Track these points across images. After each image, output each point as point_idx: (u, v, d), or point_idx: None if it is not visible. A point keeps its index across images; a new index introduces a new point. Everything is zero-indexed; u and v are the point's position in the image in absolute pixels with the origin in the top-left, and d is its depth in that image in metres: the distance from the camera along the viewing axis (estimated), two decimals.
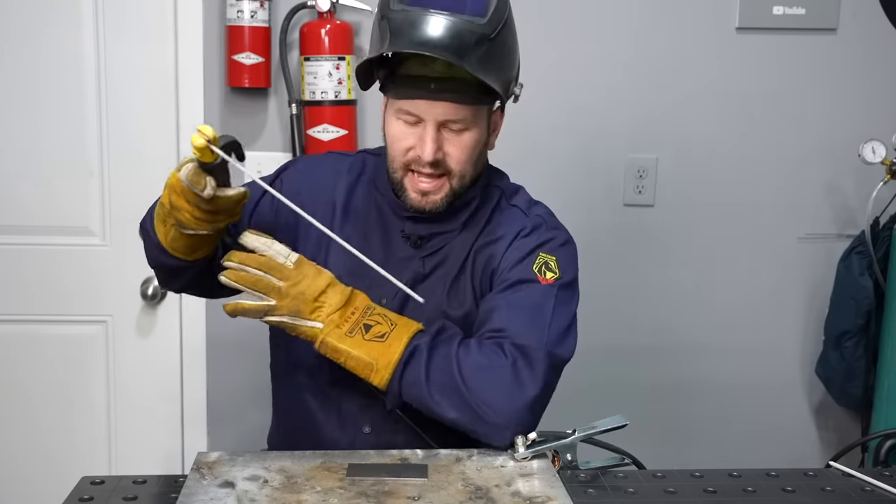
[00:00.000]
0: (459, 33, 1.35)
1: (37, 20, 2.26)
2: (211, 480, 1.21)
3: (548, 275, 1.47)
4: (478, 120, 1.45)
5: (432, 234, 1.52)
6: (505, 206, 1.56)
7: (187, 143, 2.29)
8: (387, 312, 1.39)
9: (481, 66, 1.37)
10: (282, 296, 1.33)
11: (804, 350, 2.50)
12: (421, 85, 1.40)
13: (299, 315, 1.34)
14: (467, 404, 1.34)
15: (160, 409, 2.42)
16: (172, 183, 1.31)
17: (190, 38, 2.29)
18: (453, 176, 1.46)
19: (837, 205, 2.45)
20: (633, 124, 2.39)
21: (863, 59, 2.39)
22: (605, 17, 2.35)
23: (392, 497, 1.19)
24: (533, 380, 1.36)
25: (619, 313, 2.44)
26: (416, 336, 1.36)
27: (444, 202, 1.48)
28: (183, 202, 1.30)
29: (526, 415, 1.35)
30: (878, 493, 1.31)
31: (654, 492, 1.28)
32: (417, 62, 1.40)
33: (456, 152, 1.45)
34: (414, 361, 1.35)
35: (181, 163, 1.30)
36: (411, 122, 1.43)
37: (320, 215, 1.51)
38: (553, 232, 1.53)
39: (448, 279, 1.51)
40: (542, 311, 1.43)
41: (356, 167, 1.59)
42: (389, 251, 1.52)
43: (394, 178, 1.49)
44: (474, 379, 1.34)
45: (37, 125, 2.30)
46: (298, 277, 1.34)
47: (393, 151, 1.47)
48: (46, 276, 2.35)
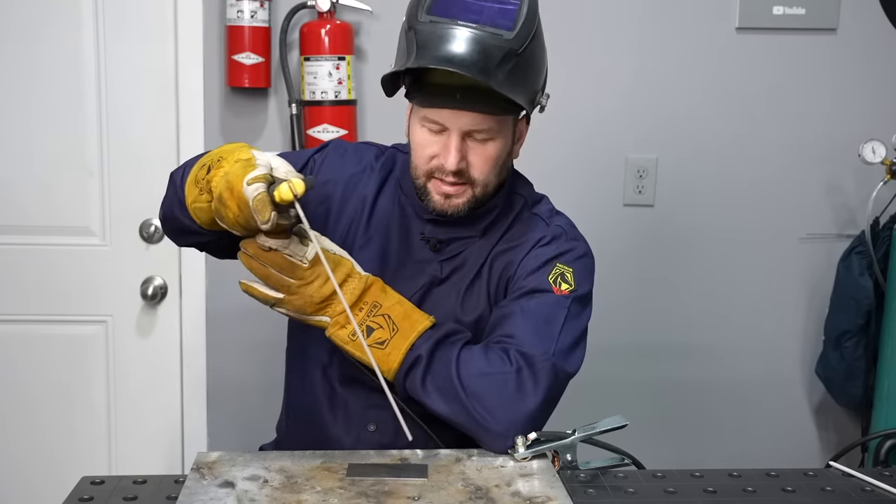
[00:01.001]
0: (486, 49, 1.34)
1: (36, 20, 2.26)
2: (211, 480, 1.21)
3: (563, 286, 1.46)
4: (503, 130, 1.44)
5: (452, 238, 1.52)
6: (527, 216, 1.55)
7: (187, 143, 2.31)
8: (393, 312, 1.37)
9: (508, 82, 1.36)
10: (290, 293, 1.32)
11: (804, 350, 2.50)
12: (446, 94, 1.38)
13: (304, 313, 1.34)
14: (466, 409, 1.34)
15: (160, 409, 2.42)
16: (233, 185, 1.25)
17: (190, 38, 2.29)
18: (476, 185, 1.45)
19: (837, 205, 2.45)
20: (633, 124, 2.39)
21: (863, 59, 2.39)
22: (605, 18, 2.35)
23: (392, 497, 1.19)
24: (535, 390, 1.36)
25: (619, 313, 2.43)
26: (416, 344, 1.36)
27: (465, 207, 1.47)
28: (234, 206, 1.26)
29: (526, 424, 1.34)
30: (878, 493, 1.31)
31: (654, 492, 1.28)
32: (444, 72, 1.38)
33: (479, 162, 1.44)
34: (413, 371, 1.35)
35: (250, 166, 1.25)
36: (436, 130, 1.42)
37: (351, 208, 1.53)
38: (572, 243, 1.52)
39: (463, 285, 1.51)
40: (552, 322, 1.42)
41: (387, 164, 1.58)
42: (408, 253, 1.52)
43: (417, 184, 1.48)
44: (474, 384, 1.34)
45: (36, 125, 2.30)
46: (311, 278, 1.32)
47: (417, 159, 1.46)
48: (46, 277, 2.35)
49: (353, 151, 1.60)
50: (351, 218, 1.53)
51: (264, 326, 2.32)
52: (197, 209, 1.37)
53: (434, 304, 1.48)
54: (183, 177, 1.42)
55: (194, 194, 1.36)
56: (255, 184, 1.23)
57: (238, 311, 2.37)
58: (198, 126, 2.31)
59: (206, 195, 1.33)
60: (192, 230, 1.43)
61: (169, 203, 1.47)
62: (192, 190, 1.37)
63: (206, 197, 1.33)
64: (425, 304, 1.48)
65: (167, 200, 1.48)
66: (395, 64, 1.43)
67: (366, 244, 1.52)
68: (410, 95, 1.46)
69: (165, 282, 2.37)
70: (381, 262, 1.51)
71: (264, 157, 1.30)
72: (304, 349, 1.55)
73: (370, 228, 1.53)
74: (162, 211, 1.51)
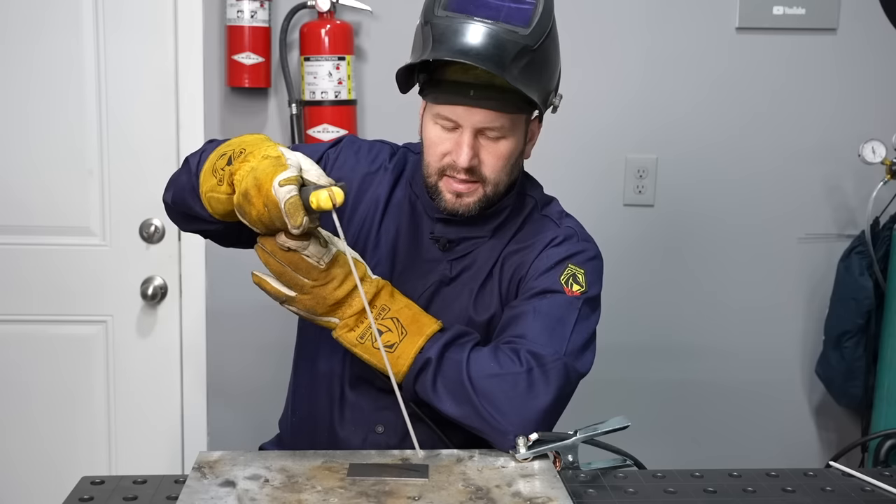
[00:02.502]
0: (502, 43, 1.34)
1: (36, 20, 2.26)
2: (212, 480, 1.21)
3: (574, 287, 1.46)
4: (515, 129, 1.44)
5: (461, 238, 1.52)
6: (537, 217, 1.56)
7: (187, 143, 2.31)
8: (401, 315, 1.37)
9: (522, 78, 1.36)
10: (303, 292, 1.31)
11: (804, 350, 2.50)
12: (460, 91, 1.39)
13: (314, 313, 1.33)
14: (477, 411, 1.34)
15: (160, 409, 2.42)
16: (262, 183, 1.22)
17: (190, 38, 2.29)
18: (488, 184, 1.45)
19: (837, 205, 2.45)
20: (633, 124, 2.39)
21: (863, 59, 2.39)
22: (604, 18, 2.35)
23: (392, 497, 1.19)
24: (546, 389, 1.35)
25: (618, 314, 2.42)
26: (424, 348, 1.35)
27: (476, 206, 1.47)
28: (260, 205, 1.23)
29: (538, 424, 1.34)
30: (878, 493, 1.31)
31: (654, 492, 1.28)
32: (458, 69, 1.39)
33: (491, 160, 1.44)
34: (423, 374, 1.35)
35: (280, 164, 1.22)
36: (449, 127, 1.42)
37: (364, 207, 1.53)
38: (584, 244, 1.53)
39: (475, 284, 1.50)
40: (563, 323, 1.43)
41: (399, 163, 1.58)
42: (418, 252, 1.52)
43: (428, 183, 1.48)
44: (485, 386, 1.34)
45: (36, 125, 2.30)
46: (326, 280, 1.31)
47: (429, 156, 1.46)
48: (46, 276, 2.35)
49: (367, 150, 1.60)
50: (363, 217, 1.53)
51: (265, 326, 2.33)
52: (212, 199, 1.34)
53: (444, 304, 1.49)
54: (200, 163, 1.38)
55: (211, 184, 1.33)
56: (287, 185, 1.21)
57: (238, 310, 2.37)
58: (198, 126, 2.31)
59: (225, 187, 1.30)
60: (201, 217, 1.41)
61: (181, 188, 1.44)
62: (209, 179, 1.34)
63: (225, 189, 1.31)
64: (435, 303, 1.48)
65: (178, 185, 1.45)
66: (410, 58, 1.43)
67: (377, 244, 1.52)
68: (424, 92, 1.46)
69: (165, 282, 2.37)
70: (391, 261, 1.51)
71: (294, 157, 1.27)
72: (314, 350, 1.55)
73: (382, 228, 1.53)
74: (171, 194, 1.47)
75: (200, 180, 1.36)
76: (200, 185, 1.36)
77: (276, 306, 1.37)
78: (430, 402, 1.37)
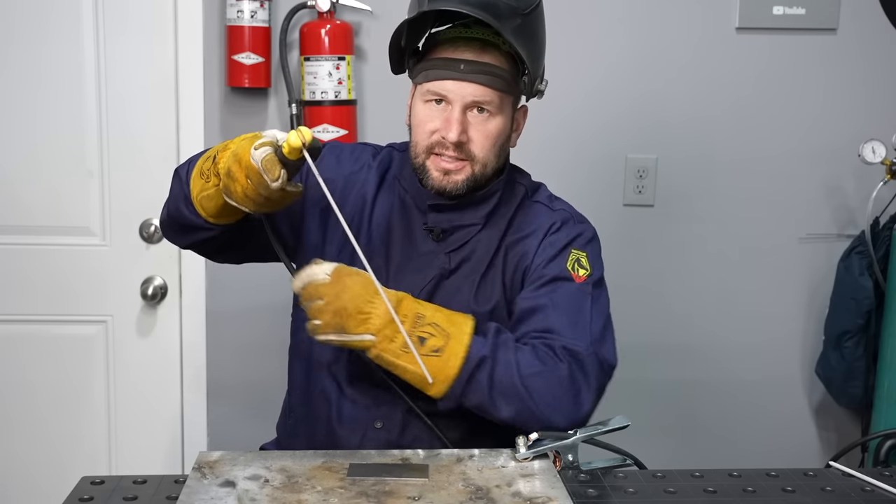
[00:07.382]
0: (496, 2, 1.38)
1: (37, 20, 2.26)
2: (212, 480, 1.21)
3: (580, 272, 1.49)
4: (503, 109, 1.47)
5: (455, 227, 1.52)
6: (528, 203, 1.58)
7: (187, 143, 2.31)
8: (437, 319, 1.36)
9: (515, 38, 1.40)
10: (323, 313, 1.32)
11: (804, 350, 2.50)
12: (451, 66, 1.43)
13: (345, 331, 1.33)
14: (531, 410, 1.36)
15: (160, 409, 2.42)
16: (240, 156, 1.29)
17: (190, 38, 2.29)
18: (476, 162, 1.47)
19: (837, 205, 2.45)
20: (633, 124, 2.39)
21: (863, 59, 2.39)
22: (604, 17, 2.35)
23: (392, 497, 1.19)
24: (588, 386, 1.40)
25: (618, 313, 2.40)
26: (472, 346, 1.35)
27: (464, 185, 1.48)
28: (242, 177, 1.29)
29: (586, 417, 1.39)
30: (878, 493, 1.31)
31: (654, 492, 1.28)
32: (449, 46, 1.43)
33: (480, 138, 1.46)
34: (479, 373, 1.35)
35: (257, 139, 1.29)
36: (439, 104, 1.45)
37: (350, 207, 1.54)
38: (580, 226, 1.56)
39: (476, 276, 1.51)
40: (582, 313, 1.45)
41: (384, 161, 1.60)
42: (412, 246, 1.52)
43: (416, 164, 1.49)
44: (534, 384, 1.36)
45: (37, 125, 2.30)
46: (338, 290, 1.32)
47: (417, 135, 1.48)
48: (47, 276, 2.35)
49: (349, 152, 1.62)
50: (351, 216, 1.54)
51: (265, 326, 2.33)
52: (203, 198, 1.39)
53: (446, 296, 1.49)
54: (188, 172, 1.44)
55: (200, 185, 1.39)
56: (262, 148, 1.27)
57: (238, 310, 2.38)
58: (198, 126, 2.31)
59: (213, 179, 1.36)
60: (195, 225, 1.44)
61: (174, 200, 1.48)
62: (198, 182, 1.39)
63: (213, 182, 1.36)
64: (437, 297, 1.48)
65: (171, 198, 1.49)
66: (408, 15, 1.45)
67: (369, 240, 1.53)
68: (414, 73, 1.49)
69: (165, 282, 2.37)
70: (384, 256, 1.52)
71: (271, 131, 1.33)
72: (308, 348, 1.55)
73: (372, 226, 1.53)
74: (165, 210, 1.52)
75: (191, 186, 1.41)
76: (191, 190, 1.41)
77: (275, 306, 1.38)
78: (480, 400, 1.36)
